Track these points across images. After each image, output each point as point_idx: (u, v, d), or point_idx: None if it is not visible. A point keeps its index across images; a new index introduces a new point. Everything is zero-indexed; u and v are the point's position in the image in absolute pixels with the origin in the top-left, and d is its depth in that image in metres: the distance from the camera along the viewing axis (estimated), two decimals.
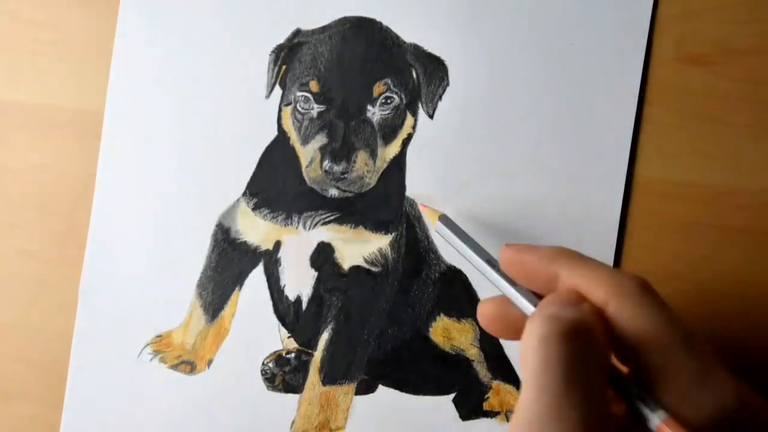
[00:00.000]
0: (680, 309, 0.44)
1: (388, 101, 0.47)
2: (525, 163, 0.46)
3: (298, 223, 0.48)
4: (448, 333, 0.47)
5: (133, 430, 0.49)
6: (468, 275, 0.46)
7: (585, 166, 0.45)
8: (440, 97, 0.47)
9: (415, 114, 0.47)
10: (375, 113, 0.47)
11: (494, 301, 0.36)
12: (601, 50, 0.45)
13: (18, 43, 0.52)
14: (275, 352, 0.48)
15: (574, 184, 0.45)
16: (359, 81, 0.47)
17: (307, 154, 0.47)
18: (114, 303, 0.49)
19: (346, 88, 0.47)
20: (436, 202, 0.46)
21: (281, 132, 0.48)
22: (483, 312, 0.36)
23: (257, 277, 0.49)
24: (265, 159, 0.48)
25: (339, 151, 0.46)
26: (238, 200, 0.49)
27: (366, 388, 0.47)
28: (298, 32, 0.48)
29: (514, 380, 0.46)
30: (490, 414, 0.46)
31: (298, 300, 0.48)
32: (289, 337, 0.48)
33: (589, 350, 0.28)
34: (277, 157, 0.48)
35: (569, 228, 0.45)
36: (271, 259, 0.48)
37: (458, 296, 0.46)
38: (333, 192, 0.47)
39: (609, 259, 0.44)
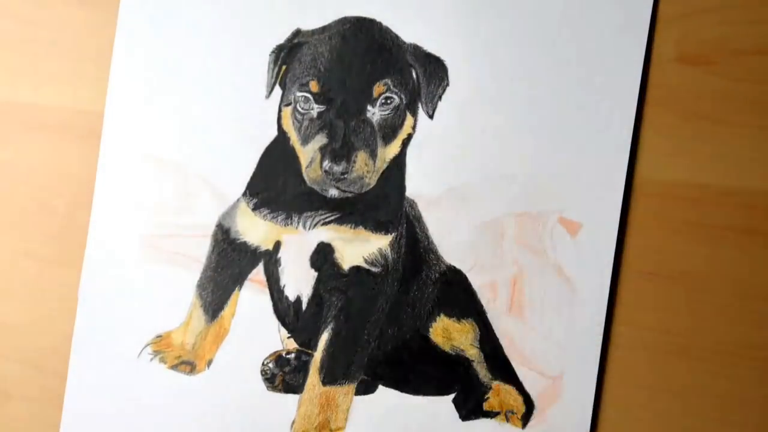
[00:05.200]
0: (680, 308, 0.44)
1: (388, 101, 0.46)
2: (525, 162, 0.46)
3: (298, 223, 0.48)
4: (448, 333, 0.47)
5: (133, 430, 0.49)
6: (468, 275, 0.46)
7: (585, 166, 0.45)
8: (440, 97, 0.47)
9: (415, 114, 0.47)
10: (375, 113, 0.46)
11: None
12: (601, 50, 0.45)
13: (18, 43, 0.52)
14: (275, 352, 0.48)
15: (574, 183, 0.45)
16: (359, 81, 0.47)
17: (307, 154, 0.47)
18: (114, 303, 0.49)
19: (346, 88, 0.47)
20: (435, 201, 0.46)
21: (281, 132, 0.48)
22: None
23: (257, 277, 0.49)
24: (265, 159, 0.48)
25: (339, 151, 0.46)
26: (238, 200, 0.49)
27: (366, 388, 0.47)
28: (298, 32, 0.48)
29: (513, 381, 0.46)
30: (490, 414, 0.46)
31: (298, 300, 0.48)
32: (289, 337, 0.48)
33: None
34: (277, 157, 0.48)
35: (570, 228, 0.45)
36: (271, 259, 0.48)
37: (458, 296, 0.46)
38: (333, 192, 0.47)
39: (609, 259, 0.44)
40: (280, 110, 0.48)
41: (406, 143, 0.47)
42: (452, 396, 0.46)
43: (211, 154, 0.49)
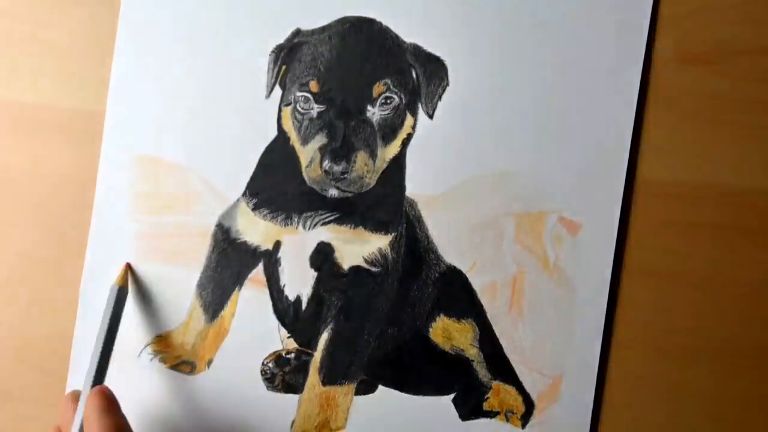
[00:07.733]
0: (680, 308, 0.44)
1: (388, 101, 0.46)
2: (525, 162, 0.46)
3: (298, 223, 0.48)
4: (448, 333, 0.47)
5: (133, 430, 0.49)
6: (468, 275, 0.46)
7: (585, 166, 0.45)
8: (440, 97, 0.47)
9: (414, 114, 0.47)
10: (375, 113, 0.47)
11: None
12: (601, 50, 0.45)
13: (18, 42, 0.52)
14: (275, 352, 0.48)
15: (574, 184, 0.45)
16: (359, 81, 0.47)
17: (307, 154, 0.47)
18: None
19: (346, 88, 0.47)
20: (435, 201, 0.46)
21: (281, 132, 0.48)
22: None
23: (257, 277, 0.49)
24: (265, 159, 0.48)
25: (339, 151, 0.46)
26: (238, 200, 0.49)
27: (366, 388, 0.47)
28: (298, 32, 0.48)
29: (513, 381, 0.46)
30: (490, 414, 0.46)
31: (298, 300, 0.48)
32: (289, 337, 0.48)
33: None
34: (277, 157, 0.48)
35: (570, 228, 0.45)
36: (270, 259, 0.48)
37: (458, 296, 0.46)
38: (333, 192, 0.47)
39: (609, 258, 0.44)
40: (280, 110, 0.48)
41: (406, 143, 0.47)
42: (452, 396, 0.46)
43: (211, 154, 0.49)
